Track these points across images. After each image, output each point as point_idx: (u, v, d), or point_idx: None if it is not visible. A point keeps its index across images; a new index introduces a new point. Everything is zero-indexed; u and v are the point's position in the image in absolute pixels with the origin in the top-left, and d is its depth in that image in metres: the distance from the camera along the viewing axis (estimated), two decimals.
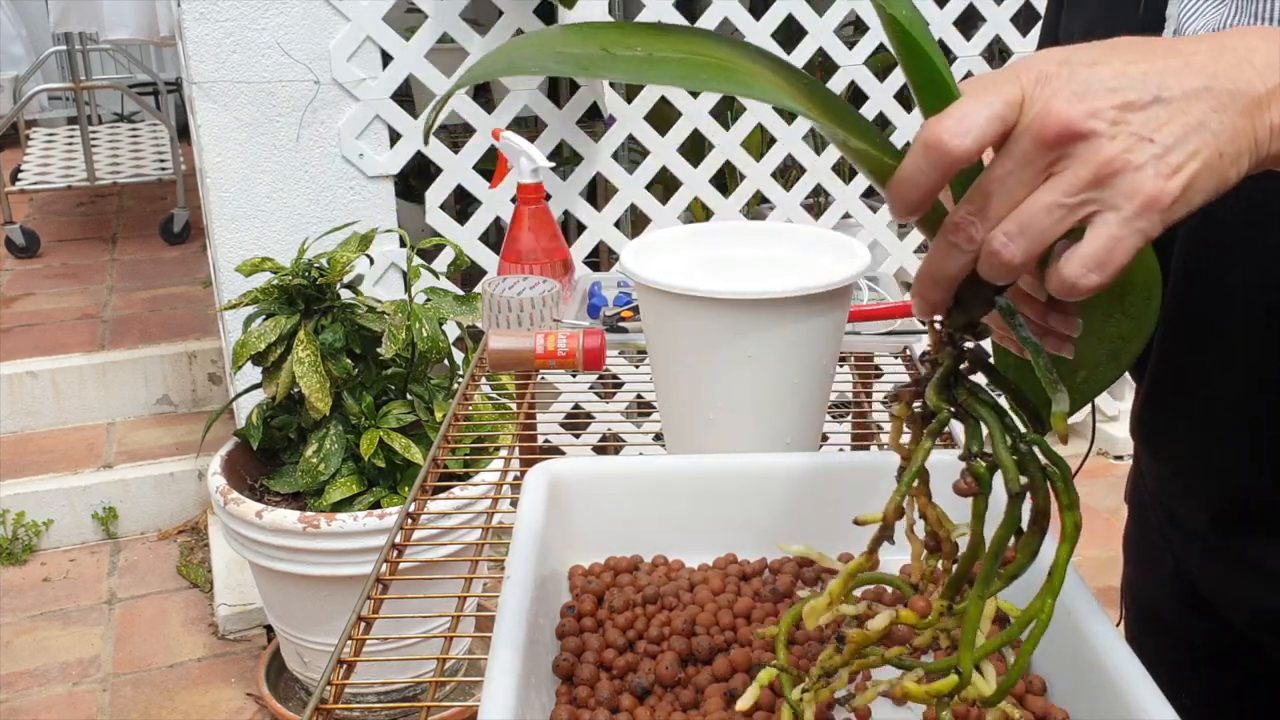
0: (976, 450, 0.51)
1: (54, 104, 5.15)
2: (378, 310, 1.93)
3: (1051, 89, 0.45)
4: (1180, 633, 0.87)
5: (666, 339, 0.87)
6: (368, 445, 1.86)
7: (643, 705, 0.61)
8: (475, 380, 1.24)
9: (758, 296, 0.82)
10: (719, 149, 2.50)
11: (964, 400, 0.52)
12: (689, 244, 0.97)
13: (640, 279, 0.86)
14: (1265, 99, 0.46)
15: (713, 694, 0.61)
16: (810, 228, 0.98)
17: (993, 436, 0.50)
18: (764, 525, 0.77)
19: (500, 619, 0.61)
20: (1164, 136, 0.45)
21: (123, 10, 3.32)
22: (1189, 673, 0.85)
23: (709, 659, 0.65)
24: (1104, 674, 0.57)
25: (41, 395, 2.91)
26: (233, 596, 2.36)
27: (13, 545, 2.60)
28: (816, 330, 0.85)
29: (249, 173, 2.20)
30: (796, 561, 0.75)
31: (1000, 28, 2.64)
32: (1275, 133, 0.46)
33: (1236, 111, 0.46)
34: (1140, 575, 0.96)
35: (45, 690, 2.18)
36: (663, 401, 0.92)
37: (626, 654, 0.65)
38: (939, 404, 0.52)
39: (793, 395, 0.86)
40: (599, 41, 0.48)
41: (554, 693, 0.63)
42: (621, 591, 0.70)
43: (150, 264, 3.78)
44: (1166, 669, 0.66)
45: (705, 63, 0.48)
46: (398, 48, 2.23)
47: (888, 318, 1.23)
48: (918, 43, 0.47)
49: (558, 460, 0.78)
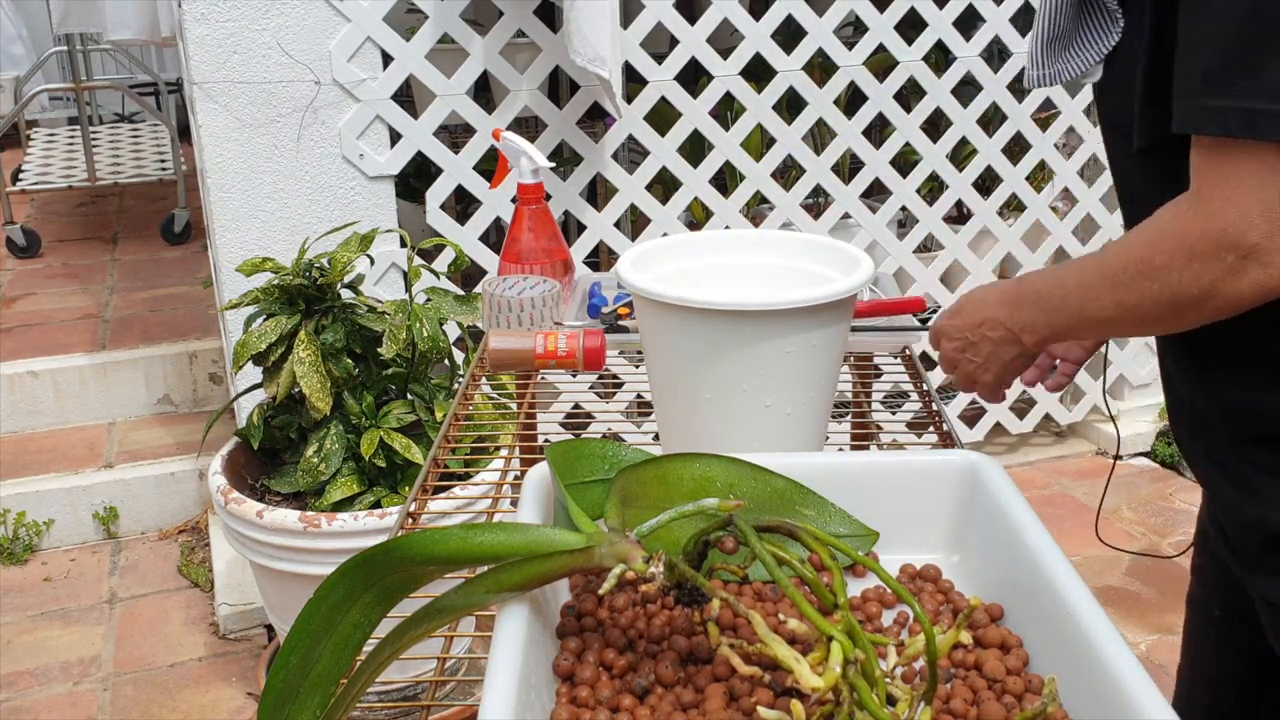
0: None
1: (55, 104, 5.15)
2: (378, 310, 1.93)
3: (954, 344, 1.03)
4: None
5: (664, 348, 0.87)
6: (368, 445, 1.86)
7: (643, 705, 0.62)
8: (475, 380, 1.24)
9: (760, 308, 0.81)
10: (719, 149, 2.50)
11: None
12: (688, 251, 0.97)
13: (638, 289, 0.85)
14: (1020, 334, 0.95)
15: (713, 694, 0.61)
16: (814, 236, 0.97)
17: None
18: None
19: (500, 619, 0.61)
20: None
21: (124, 11, 3.32)
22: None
23: (709, 659, 0.65)
24: (1104, 674, 0.57)
25: (42, 395, 2.91)
26: (233, 596, 2.36)
27: (13, 545, 2.60)
28: (819, 342, 0.84)
29: (250, 173, 2.21)
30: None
31: (1000, 28, 2.64)
32: (1026, 328, 0.93)
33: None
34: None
35: (46, 690, 2.18)
36: (660, 407, 0.92)
37: (627, 654, 0.65)
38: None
39: (794, 406, 0.86)
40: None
41: (554, 693, 0.63)
42: (622, 591, 0.70)
43: (151, 264, 3.78)
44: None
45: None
46: (398, 48, 2.23)
47: (886, 314, 1.23)
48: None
49: None
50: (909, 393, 1.25)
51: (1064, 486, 2.89)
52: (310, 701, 0.63)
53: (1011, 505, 0.71)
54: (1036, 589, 0.65)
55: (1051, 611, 0.63)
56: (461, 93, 2.30)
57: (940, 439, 1.04)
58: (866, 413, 1.20)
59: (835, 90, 2.57)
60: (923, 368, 1.21)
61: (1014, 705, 0.61)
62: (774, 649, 0.56)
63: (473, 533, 0.62)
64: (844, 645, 0.55)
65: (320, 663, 0.63)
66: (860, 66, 2.57)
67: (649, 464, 0.73)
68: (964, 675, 0.64)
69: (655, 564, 0.61)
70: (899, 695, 0.57)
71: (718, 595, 0.60)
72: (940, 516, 0.77)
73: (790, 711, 0.55)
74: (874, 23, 2.54)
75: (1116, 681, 0.56)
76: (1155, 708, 0.53)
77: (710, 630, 0.61)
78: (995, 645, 0.66)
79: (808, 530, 0.62)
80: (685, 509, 0.65)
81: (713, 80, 2.46)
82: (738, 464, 0.75)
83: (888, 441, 1.27)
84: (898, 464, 0.78)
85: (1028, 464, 3.00)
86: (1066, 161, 2.81)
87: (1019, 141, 2.77)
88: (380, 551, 0.62)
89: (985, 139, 2.71)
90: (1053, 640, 0.63)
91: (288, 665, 0.62)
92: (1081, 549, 2.58)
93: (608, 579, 0.61)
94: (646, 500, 0.72)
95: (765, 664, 0.60)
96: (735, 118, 2.52)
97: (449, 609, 0.63)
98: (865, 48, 2.56)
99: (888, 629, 0.70)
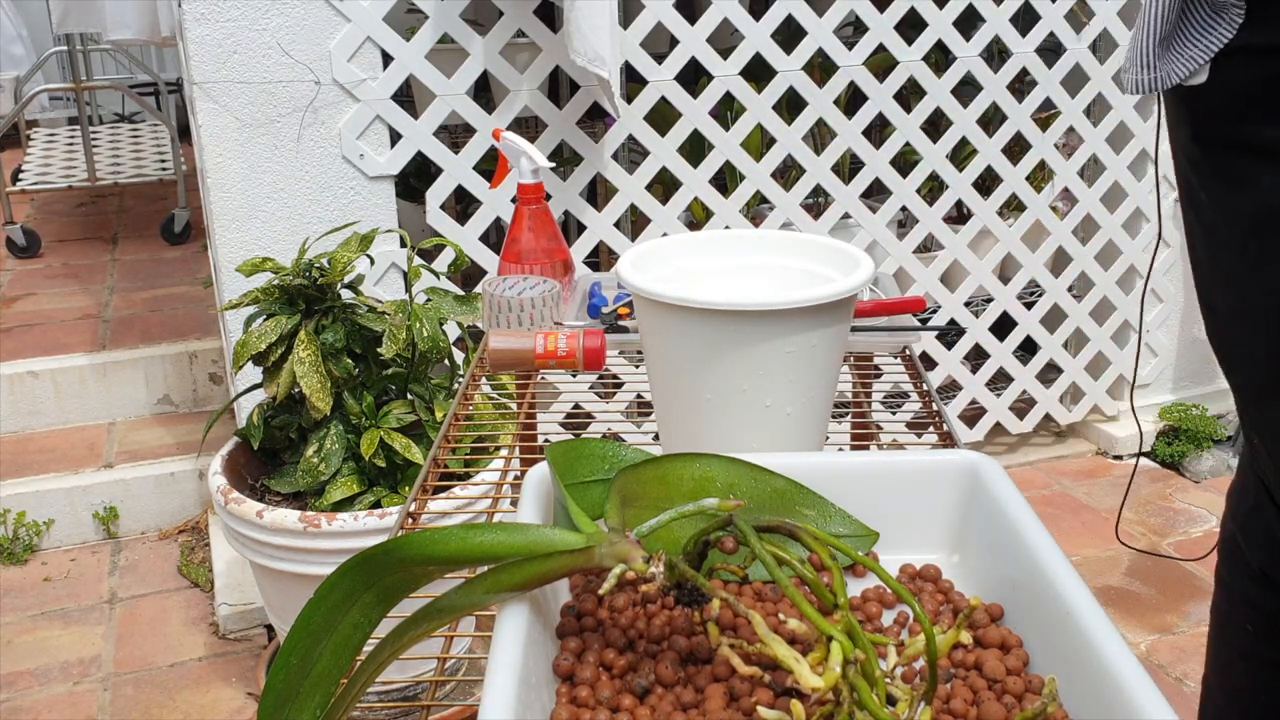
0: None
1: (55, 104, 5.16)
2: (378, 310, 1.93)
3: None
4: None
5: (664, 348, 0.87)
6: (368, 445, 1.86)
7: (643, 705, 0.62)
8: (475, 380, 1.24)
9: (760, 308, 0.81)
10: (719, 149, 2.50)
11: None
12: (688, 251, 0.97)
13: (638, 289, 0.85)
14: None
15: (713, 694, 0.61)
16: (814, 236, 0.97)
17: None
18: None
19: (500, 619, 0.61)
20: None
21: (124, 11, 3.32)
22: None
23: (709, 659, 0.65)
24: (1104, 674, 0.57)
25: (42, 395, 2.91)
26: (233, 596, 2.36)
27: (13, 545, 2.60)
28: (818, 342, 0.84)
29: (250, 173, 2.21)
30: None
31: (1000, 28, 2.64)
32: None
33: None
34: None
35: (46, 690, 2.18)
36: (660, 407, 0.92)
37: (627, 654, 0.65)
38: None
39: (794, 406, 0.86)
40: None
41: (554, 693, 0.63)
42: (622, 591, 0.70)
43: (151, 264, 3.79)
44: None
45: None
46: (398, 48, 2.23)
47: (886, 313, 1.23)
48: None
49: None
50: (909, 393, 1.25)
51: (1064, 486, 2.89)
52: (310, 701, 0.63)
53: (1011, 505, 0.71)
54: (1036, 589, 0.65)
55: (1051, 611, 0.63)
56: (461, 93, 2.30)
57: (940, 439, 1.04)
58: (866, 413, 1.20)
59: (835, 90, 2.57)
60: (923, 368, 1.21)
61: (1014, 705, 0.61)
62: (774, 649, 0.56)
63: (473, 533, 0.62)
64: (844, 645, 0.55)
65: (320, 663, 0.63)
66: (860, 66, 2.57)
67: (649, 464, 0.73)
68: (964, 675, 0.64)
69: (655, 564, 0.61)
70: (899, 695, 0.57)
71: (718, 595, 0.60)
72: (940, 516, 0.77)
73: (790, 711, 0.55)
74: (874, 23, 2.54)
75: (1116, 681, 0.56)
76: (1155, 708, 0.53)
77: (710, 630, 0.61)
78: (995, 645, 0.66)
79: (808, 530, 0.62)
80: (685, 509, 0.65)
81: (713, 80, 2.46)
82: (738, 464, 0.75)
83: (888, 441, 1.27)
84: (898, 464, 0.78)
85: (1028, 464, 3.00)
86: (1066, 161, 2.81)
87: (1019, 141, 2.77)
88: (380, 551, 0.62)
89: (985, 139, 2.71)
90: (1053, 640, 0.63)
91: (288, 665, 0.62)
92: (1081, 549, 2.58)
93: (608, 579, 0.61)
94: (646, 500, 0.72)
95: (765, 664, 0.60)
96: (735, 118, 2.52)
97: (449, 609, 0.63)
98: (865, 48, 2.56)
99: (888, 629, 0.70)
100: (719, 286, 0.95)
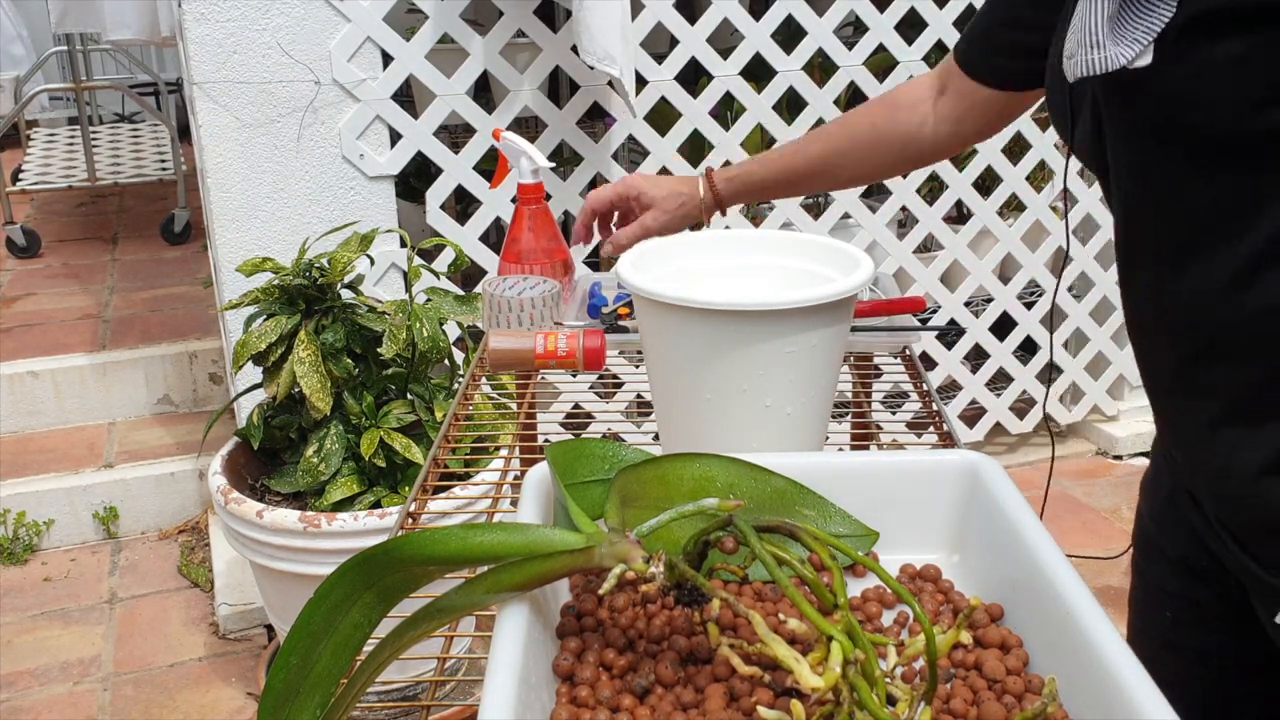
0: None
1: (55, 104, 5.15)
2: (378, 310, 1.93)
3: None
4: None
5: (664, 348, 0.87)
6: (368, 445, 1.86)
7: (643, 705, 0.62)
8: (475, 380, 1.24)
9: (760, 308, 0.80)
10: (719, 149, 2.50)
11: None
12: (688, 251, 0.97)
13: (637, 289, 0.85)
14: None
15: (713, 694, 0.61)
16: (814, 236, 0.97)
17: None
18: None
19: (500, 619, 0.61)
20: None
21: (124, 11, 3.32)
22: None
23: (709, 659, 0.65)
24: (1104, 674, 0.57)
25: (42, 395, 2.91)
26: (233, 596, 2.36)
27: (14, 545, 2.60)
28: (818, 342, 0.84)
29: (250, 173, 2.21)
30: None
31: None
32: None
33: None
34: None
35: (46, 689, 2.18)
36: (660, 407, 0.92)
37: (627, 654, 0.65)
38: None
39: (794, 406, 0.86)
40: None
41: (554, 692, 0.63)
42: (622, 591, 0.70)
43: (151, 264, 3.78)
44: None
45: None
46: (398, 48, 2.23)
47: (886, 313, 1.23)
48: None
49: None
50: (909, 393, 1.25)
51: (1064, 486, 2.89)
52: (310, 701, 0.63)
53: (1011, 505, 0.71)
54: (1036, 589, 0.65)
55: (1051, 611, 0.63)
56: (461, 93, 2.30)
57: (940, 439, 1.04)
58: (866, 413, 1.20)
59: (835, 90, 2.57)
60: (922, 368, 1.21)
61: (1014, 705, 0.61)
62: (774, 649, 0.56)
63: (473, 533, 0.62)
64: (844, 645, 0.55)
65: (320, 663, 0.63)
66: (860, 66, 2.57)
67: (649, 464, 0.73)
68: (964, 675, 0.64)
69: (655, 564, 0.61)
70: (899, 695, 0.57)
71: (718, 595, 0.60)
72: (940, 516, 0.77)
73: (790, 711, 0.55)
74: (874, 23, 2.54)
75: (1116, 681, 0.56)
76: (1155, 708, 0.53)
77: (710, 630, 0.61)
78: (995, 645, 0.66)
79: (808, 530, 0.62)
80: (685, 509, 0.65)
81: (713, 80, 2.46)
82: (738, 464, 0.75)
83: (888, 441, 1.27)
84: (898, 464, 0.78)
85: (1028, 464, 3.00)
86: (1066, 162, 2.81)
87: (1019, 141, 2.77)
88: (380, 551, 0.62)
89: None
90: (1053, 640, 0.63)
91: (288, 665, 0.62)
92: (1081, 549, 2.58)
93: (608, 579, 0.61)
94: (646, 500, 0.72)
95: (765, 664, 0.60)
96: (735, 118, 2.52)
97: (449, 609, 0.63)
98: (865, 48, 2.56)
99: (888, 629, 0.70)
100: (719, 286, 0.95)
